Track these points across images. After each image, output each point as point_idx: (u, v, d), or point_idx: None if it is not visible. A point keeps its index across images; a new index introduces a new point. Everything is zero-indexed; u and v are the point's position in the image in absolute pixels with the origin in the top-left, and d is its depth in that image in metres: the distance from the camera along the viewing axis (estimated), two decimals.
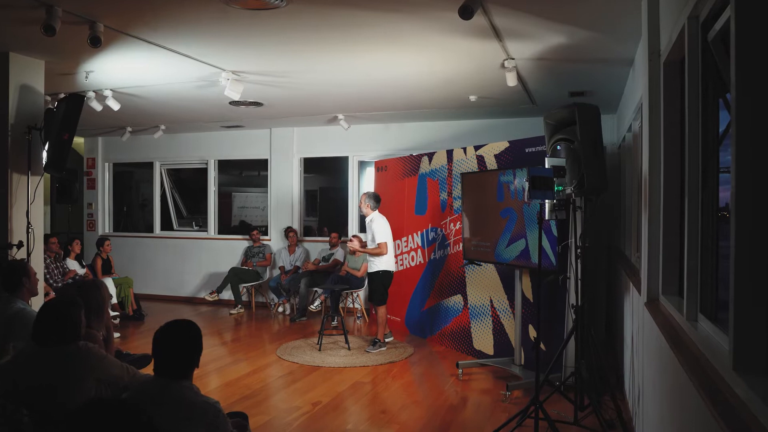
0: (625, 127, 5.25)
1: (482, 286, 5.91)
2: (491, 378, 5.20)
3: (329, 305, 7.47)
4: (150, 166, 9.72)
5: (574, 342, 4.07)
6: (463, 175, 5.87)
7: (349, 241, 7.11)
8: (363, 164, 8.66)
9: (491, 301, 5.78)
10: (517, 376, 4.98)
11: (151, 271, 9.44)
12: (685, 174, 2.38)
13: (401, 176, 7.25)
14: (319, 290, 7.93)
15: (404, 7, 3.53)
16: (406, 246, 7.13)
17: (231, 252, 9.02)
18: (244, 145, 9.02)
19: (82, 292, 2.90)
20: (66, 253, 7.36)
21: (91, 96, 5.87)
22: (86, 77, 5.30)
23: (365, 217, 6.25)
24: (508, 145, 5.76)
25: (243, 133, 8.94)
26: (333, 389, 4.90)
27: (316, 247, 8.68)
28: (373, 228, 6.07)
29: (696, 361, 1.90)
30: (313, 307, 7.98)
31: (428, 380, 5.29)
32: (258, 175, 11.12)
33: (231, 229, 10.36)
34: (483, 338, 5.88)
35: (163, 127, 8.36)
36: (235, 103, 6.52)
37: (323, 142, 8.58)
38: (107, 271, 7.75)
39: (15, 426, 2.23)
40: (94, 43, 3.79)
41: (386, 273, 6.11)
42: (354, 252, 6.69)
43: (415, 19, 3.75)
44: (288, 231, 8.49)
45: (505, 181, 5.14)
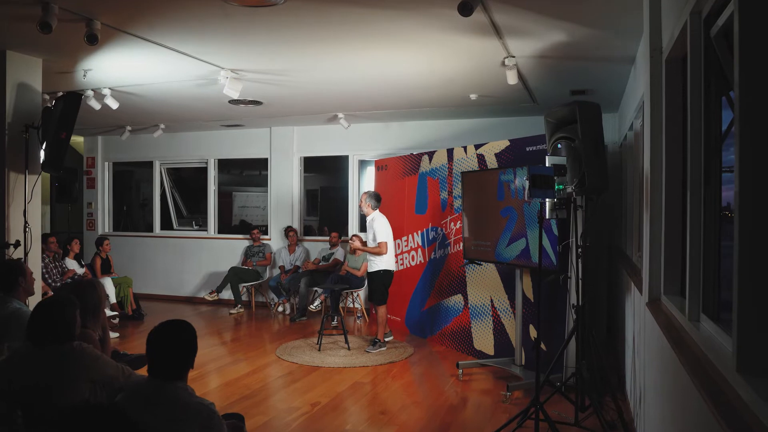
0: (627, 125, 5.22)
1: (483, 285, 5.89)
2: (491, 378, 5.17)
3: (329, 305, 7.44)
4: (150, 166, 9.70)
5: (575, 342, 4.05)
6: (463, 174, 5.84)
7: (350, 241, 7.09)
8: (363, 163, 8.65)
9: (492, 301, 5.76)
10: (517, 376, 4.96)
11: (151, 271, 9.43)
12: (687, 173, 2.36)
13: (401, 175, 7.23)
14: (319, 290, 7.91)
15: (403, 3, 3.50)
16: (407, 245, 7.10)
17: (231, 251, 9.00)
18: (244, 144, 9.01)
19: (78, 291, 2.87)
20: (65, 252, 7.33)
21: (90, 94, 5.84)
22: (84, 76, 5.28)
23: (366, 217, 6.22)
24: (508, 143, 5.73)
25: (243, 132, 8.93)
26: (332, 389, 4.88)
27: (316, 247, 8.66)
28: (375, 227, 6.04)
29: (698, 361, 1.88)
30: (313, 306, 7.95)
31: (428, 380, 5.26)
32: (259, 175, 11.11)
33: (231, 229, 10.35)
34: (483, 338, 5.85)
35: (162, 126, 8.34)
36: (235, 102, 6.50)
37: (323, 141, 8.56)
38: (106, 270, 7.73)
39: (10, 426, 2.21)
40: (91, 40, 3.77)
41: (386, 272, 6.09)
42: (354, 251, 6.66)
43: (414, 16, 3.73)
44: (288, 230, 8.46)
45: (506, 180, 5.11)
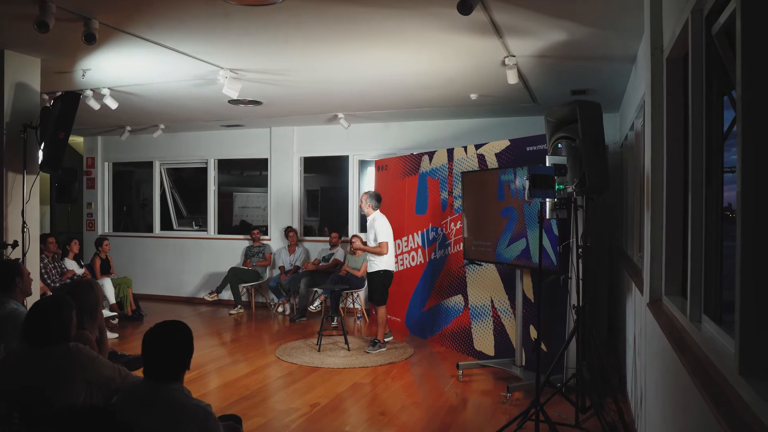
0: (628, 125, 5.20)
1: (483, 286, 5.87)
2: (492, 379, 5.15)
3: (329, 305, 7.42)
4: (150, 166, 9.69)
5: (576, 343, 4.03)
6: (463, 174, 5.82)
7: (351, 241, 7.08)
8: (363, 163, 8.63)
9: (492, 302, 5.74)
10: (517, 377, 4.94)
11: (151, 271, 9.41)
12: (689, 172, 2.34)
13: (402, 175, 7.21)
14: (319, 290, 7.89)
15: (403, 2, 3.48)
16: (407, 246, 7.08)
17: (231, 252, 8.98)
18: (244, 145, 8.99)
19: (75, 292, 2.86)
20: (64, 252, 7.32)
21: (89, 94, 5.83)
22: (83, 75, 5.26)
23: (366, 217, 6.21)
24: (508, 143, 5.71)
25: (243, 132, 8.91)
26: (332, 390, 4.86)
27: (316, 247, 8.65)
28: (376, 227, 6.03)
29: (699, 363, 1.86)
30: (313, 307, 7.94)
31: (428, 381, 5.24)
32: (259, 175, 11.09)
33: (232, 229, 10.33)
34: (484, 339, 5.83)
35: (162, 126, 8.33)
36: (234, 102, 6.48)
37: (323, 142, 8.54)
38: (106, 271, 7.72)
39: (7, 426, 2.19)
40: (89, 40, 3.76)
41: (387, 273, 6.07)
42: (355, 251, 6.65)
43: (413, 15, 3.71)
44: (288, 231, 8.45)
45: (506, 180, 5.09)
